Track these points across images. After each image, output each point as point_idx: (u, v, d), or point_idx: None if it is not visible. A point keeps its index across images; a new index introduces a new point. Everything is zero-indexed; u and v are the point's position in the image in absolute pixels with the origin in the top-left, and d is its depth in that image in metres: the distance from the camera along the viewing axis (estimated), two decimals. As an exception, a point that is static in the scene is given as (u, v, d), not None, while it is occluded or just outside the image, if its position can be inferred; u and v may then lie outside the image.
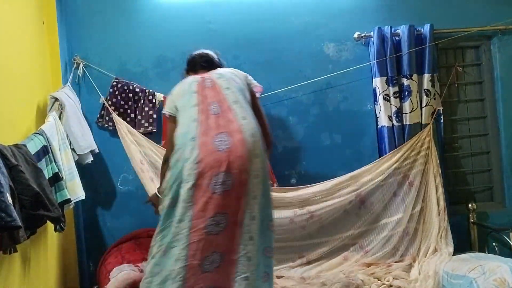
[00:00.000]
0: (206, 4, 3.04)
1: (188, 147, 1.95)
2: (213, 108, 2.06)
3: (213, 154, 1.93)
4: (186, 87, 2.17)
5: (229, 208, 1.93)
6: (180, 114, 2.10)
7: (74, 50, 2.92)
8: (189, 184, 1.91)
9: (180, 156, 1.97)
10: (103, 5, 2.98)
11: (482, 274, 2.27)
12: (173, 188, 1.96)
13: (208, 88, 2.14)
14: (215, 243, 1.91)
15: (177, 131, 2.06)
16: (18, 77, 2.23)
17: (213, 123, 2.01)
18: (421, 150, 2.93)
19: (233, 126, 2.01)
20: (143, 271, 2.40)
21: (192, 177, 1.90)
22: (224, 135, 1.97)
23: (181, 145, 1.99)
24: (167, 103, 2.22)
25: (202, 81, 2.17)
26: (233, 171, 1.92)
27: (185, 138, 1.99)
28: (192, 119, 2.03)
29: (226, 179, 1.91)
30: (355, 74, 3.07)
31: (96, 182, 2.95)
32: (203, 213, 1.90)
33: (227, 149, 1.94)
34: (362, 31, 3.04)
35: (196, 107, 2.06)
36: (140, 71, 3.00)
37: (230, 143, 1.95)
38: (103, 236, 2.97)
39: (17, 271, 1.99)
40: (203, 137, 1.97)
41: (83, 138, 2.65)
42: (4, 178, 1.58)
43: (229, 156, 1.93)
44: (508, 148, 3.19)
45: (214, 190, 1.90)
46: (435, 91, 3.01)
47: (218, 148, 1.94)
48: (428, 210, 2.91)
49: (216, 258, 1.91)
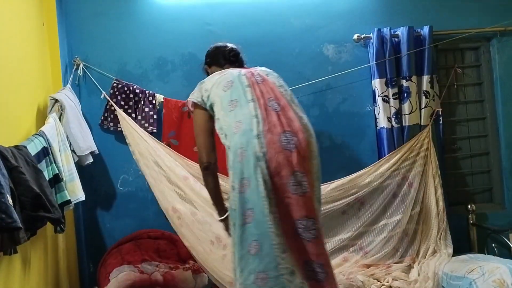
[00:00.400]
0: (205, 6, 3.05)
1: (255, 146, 1.79)
2: (272, 104, 1.91)
3: (283, 153, 1.79)
4: (231, 78, 2.00)
5: (313, 213, 1.79)
6: (225, 108, 1.93)
7: (74, 51, 2.93)
8: (263, 186, 1.74)
9: (244, 155, 1.79)
10: (103, 7, 2.98)
11: (481, 275, 2.27)
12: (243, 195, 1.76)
13: (260, 84, 1.99)
14: (310, 250, 1.76)
15: (231, 128, 1.87)
16: (18, 78, 2.24)
17: (276, 121, 1.86)
18: (420, 151, 2.93)
19: (295, 125, 1.88)
20: (143, 272, 2.41)
21: (267, 177, 1.75)
22: (289, 134, 1.83)
23: (244, 144, 1.81)
24: (197, 92, 2.07)
25: (251, 76, 2.02)
26: (304, 172, 1.81)
27: (248, 135, 1.81)
28: (251, 114, 1.86)
29: (302, 180, 1.79)
30: (354, 76, 3.07)
31: (96, 183, 2.95)
32: (286, 217, 1.75)
33: (295, 148, 1.81)
34: (361, 33, 3.05)
35: (252, 102, 1.90)
36: (140, 73, 3.01)
37: (296, 142, 1.82)
38: (103, 237, 2.98)
39: (17, 272, 1.99)
40: (269, 134, 1.81)
41: (83, 139, 2.65)
42: (4, 180, 1.58)
43: (298, 156, 1.80)
44: (508, 149, 3.19)
45: (296, 192, 1.77)
46: (435, 93, 3.02)
47: (286, 147, 1.80)
48: (427, 211, 2.92)
49: (314, 266, 1.77)
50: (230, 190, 1.86)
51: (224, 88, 1.99)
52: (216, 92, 1.99)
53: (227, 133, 1.92)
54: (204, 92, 2.04)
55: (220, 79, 2.03)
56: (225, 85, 1.99)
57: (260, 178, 1.75)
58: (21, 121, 2.25)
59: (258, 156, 1.77)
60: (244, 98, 1.93)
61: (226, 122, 1.93)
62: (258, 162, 1.77)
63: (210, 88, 2.02)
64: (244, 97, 1.93)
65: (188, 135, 2.92)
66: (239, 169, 1.81)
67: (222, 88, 1.99)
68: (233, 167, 1.84)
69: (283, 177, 1.77)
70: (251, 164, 1.78)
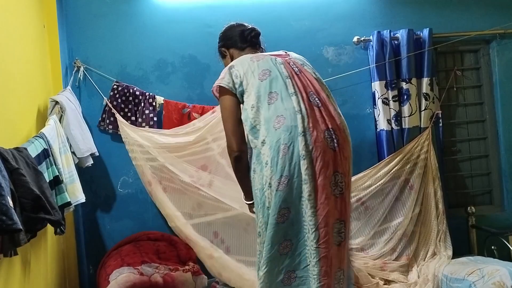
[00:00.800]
0: (205, 8, 3.05)
1: (300, 143, 1.71)
2: (314, 99, 1.82)
3: (327, 152, 1.73)
4: (267, 67, 1.86)
5: (345, 215, 1.75)
6: (262, 100, 1.81)
7: (75, 53, 2.93)
8: (306, 185, 1.68)
9: (287, 152, 1.71)
10: (104, 9, 2.99)
11: (481, 277, 2.28)
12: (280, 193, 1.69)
13: (299, 75, 1.88)
14: (340, 256, 1.73)
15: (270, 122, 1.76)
16: (18, 80, 2.24)
17: (319, 117, 1.78)
18: (420, 153, 2.94)
19: (336, 123, 1.82)
20: (142, 274, 2.41)
21: (311, 177, 1.69)
22: (331, 132, 1.78)
23: (287, 140, 1.72)
24: (227, 77, 1.89)
25: (287, 65, 1.90)
26: (343, 172, 1.76)
27: (293, 132, 1.73)
28: (295, 109, 1.76)
29: (340, 180, 1.74)
30: (354, 78, 3.08)
31: (96, 185, 2.95)
32: (327, 219, 1.68)
33: (337, 148, 1.76)
34: (361, 35, 3.06)
35: (295, 96, 1.80)
36: (140, 75, 3.01)
37: (337, 141, 1.77)
38: (103, 239, 2.97)
39: (17, 274, 1.99)
40: (314, 132, 1.74)
41: (83, 141, 2.65)
42: (5, 181, 1.58)
43: (340, 156, 1.76)
44: (507, 152, 3.20)
45: (334, 192, 1.72)
46: (434, 95, 3.03)
47: (329, 145, 1.75)
48: (427, 214, 2.92)
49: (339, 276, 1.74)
50: (262, 186, 1.76)
51: (260, 77, 1.85)
52: (251, 81, 1.85)
53: (261, 127, 1.80)
54: (234, 78, 1.89)
55: (254, 65, 1.89)
56: (261, 73, 1.86)
57: (305, 176, 1.69)
58: (22, 123, 2.25)
59: (303, 154, 1.70)
60: (286, 91, 1.81)
61: (261, 114, 1.80)
62: (303, 160, 1.70)
63: (243, 75, 1.87)
64: (285, 89, 1.81)
65: (188, 137, 2.93)
66: (280, 166, 1.71)
67: (258, 76, 1.85)
68: (272, 163, 1.73)
69: (326, 177, 1.71)
70: (294, 162, 1.70)
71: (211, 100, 3.02)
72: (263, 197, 1.76)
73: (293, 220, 1.70)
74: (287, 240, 1.71)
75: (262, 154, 1.77)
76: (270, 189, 1.73)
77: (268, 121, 1.77)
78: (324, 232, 1.68)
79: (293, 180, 1.70)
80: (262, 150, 1.77)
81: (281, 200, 1.70)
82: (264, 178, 1.76)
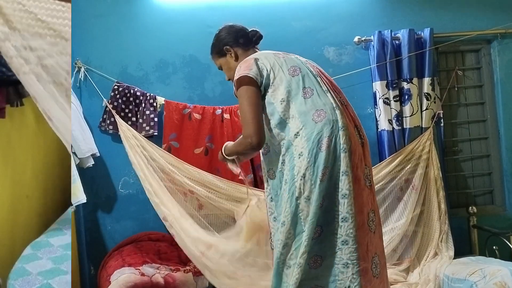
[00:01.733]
0: (206, 9, 3.05)
1: (341, 137, 1.77)
2: (340, 98, 1.92)
3: (359, 147, 1.84)
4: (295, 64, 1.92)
5: (375, 205, 1.88)
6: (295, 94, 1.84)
7: (75, 54, 2.92)
8: (347, 176, 1.74)
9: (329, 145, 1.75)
10: (104, 9, 2.99)
11: (482, 277, 2.27)
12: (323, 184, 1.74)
13: (324, 74, 1.99)
14: (375, 242, 1.82)
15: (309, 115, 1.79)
16: (19, 81, 2.24)
17: (348, 114, 1.88)
18: (421, 154, 2.93)
19: (357, 121, 1.94)
20: (143, 274, 2.41)
21: (350, 169, 1.75)
22: (357, 129, 1.90)
23: (329, 133, 1.76)
24: (255, 68, 1.87)
25: (311, 64, 1.99)
26: (370, 166, 1.91)
27: (334, 126, 1.78)
28: (333, 106, 1.83)
29: (368, 173, 1.87)
30: (355, 78, 3.07)
31: (97, 186, 2.95)
32: (362, 208, 1.78)
33: (364, 143, 1.89)
34: (362, 35, 3.05)
35: (329, 93, 1.87)
36: (141, 75, 3.02)
37: (362, 138, 1.90)
38: (104, 239, 2.98)
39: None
40: (350, 127, 1.83)
41: (84, 141, 2.65)
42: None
43: (366, 151, 1.89)
44: (508, 151, 3.19)
45: (366, 184, 1.84)
46: (435, 95, 3.02)
47: (358, 141, 1.86)
48: (429, 214, 2.91)
49: (376, 260, 1.82)
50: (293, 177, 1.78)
51: (291, 73, 1.88)
52: (279, 75, 1.88)
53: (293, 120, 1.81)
54: (261, 70, 1.89)
55: (280, 61, 1.92)
56: (290, 69, 1.89)
57: (346, 168, 1.75)
58: (22, 123, 2.25)
59: (344, 148, 1.77)
60: (319, 87, 1.87)
61: (292, 108, 1.83)
62: (344, 153, 1.76)
63: (270, 68, 1.88)
64: (319, 86, 1.88)
65: (189, 137, 2.93)
66: (324, 158, 1.74)
67: (288, 72, 1.89)
68: (309, 155, 1.75)
69: (361, 170, 1.82)
70: (335, 155, 1.76)
71: (212, 100, 3.03)
72: (293, 187, 1.79)
73: (326, 208, 1.76)
74: (318, 226, 1.76)
75: (295, 146, 1.80)
76: (303, 179, 1.76)
77: (306, 114, 1.81)
78: (362, 220, 1.77)
79: (333, 171, 1.76)
80: (294, 142, 1.81)
81: (323, 189, 1.75)
82: (296, 169, 1.79)
